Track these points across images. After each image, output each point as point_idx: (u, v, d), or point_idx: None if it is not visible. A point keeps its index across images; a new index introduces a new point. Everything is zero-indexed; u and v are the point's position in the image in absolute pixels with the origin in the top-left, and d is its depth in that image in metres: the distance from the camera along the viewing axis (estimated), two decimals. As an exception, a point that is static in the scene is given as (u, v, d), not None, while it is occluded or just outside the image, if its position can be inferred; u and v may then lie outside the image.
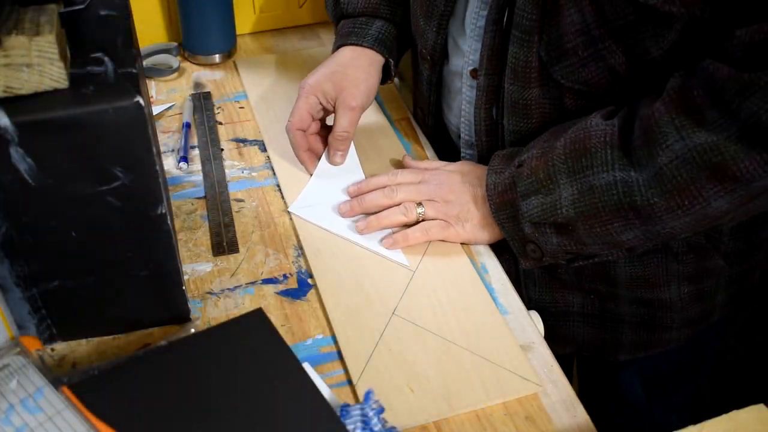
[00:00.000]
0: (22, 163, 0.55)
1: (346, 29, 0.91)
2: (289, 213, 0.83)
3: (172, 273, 0.66)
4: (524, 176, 0.71)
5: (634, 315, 0.84)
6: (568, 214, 0.68)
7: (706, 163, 0.60)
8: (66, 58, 0.57)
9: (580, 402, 0.65)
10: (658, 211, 0.64)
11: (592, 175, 0.66)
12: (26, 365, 0.56)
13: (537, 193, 0.70)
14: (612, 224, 0.67)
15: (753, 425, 0.56)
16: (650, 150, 0.63)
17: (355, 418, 0.60)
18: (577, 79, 0.70)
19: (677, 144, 0.61)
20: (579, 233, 0.69)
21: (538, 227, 0.71)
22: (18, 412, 0.52)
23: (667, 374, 0.96)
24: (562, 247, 0.72)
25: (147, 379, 0.56)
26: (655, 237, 0.67)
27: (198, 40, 1.07)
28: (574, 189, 0.67)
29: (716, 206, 0.61)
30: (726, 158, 0.58)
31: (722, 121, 0.59)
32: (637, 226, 0.66)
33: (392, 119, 0.99)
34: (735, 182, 0.59)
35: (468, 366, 0.67)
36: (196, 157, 0.92)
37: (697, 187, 0.61)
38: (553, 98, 0.73)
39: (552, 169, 0.69)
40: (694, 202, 0.62)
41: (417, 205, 0.78)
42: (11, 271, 0.61)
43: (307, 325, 0.71)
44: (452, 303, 0.73)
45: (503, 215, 0.74)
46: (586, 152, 0.67)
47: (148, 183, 0.59)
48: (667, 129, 0.61)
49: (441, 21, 0.83)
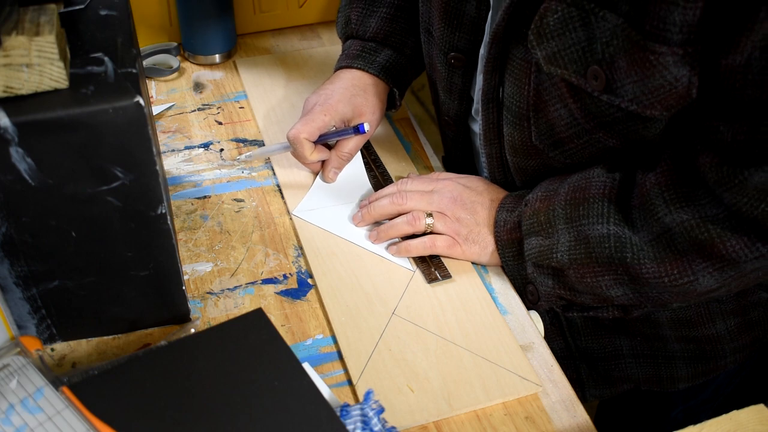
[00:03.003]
0: (22, 163, 0.55)
1: (355, 51, 0.89)
2: (289, 213, 0.83)
3: (172, 273, 0.66)
4: (527, 216, 0.72)
5: (685, 351, 0.83)
6: (562, 260, 0.68)
7: (693, 240, 0.60)
8: (66, 58, 0.57)
9: (580, 402, 0.65)
10: (647, 274, 0.63)
11: (587, 225, 0.66)
12: (26, 365, 0.56)
13: (537, 234, 0.70)
14: (603, 277, 0.66)
15: (753, 425, 0.56)
16: (645, 218, 0.63)
17: (355, 418, 0.60)
18: (577, 159, 0.71)
19: (666, 218, 0.61)
20: (571, 280, 0.69)
21: (537, 268, 0.71)
22: (18, 412, 0.52)
23: (708, 392, 0.95)
24: (557, 291, 0.71)
25: (147, 379, 0.56)
26: (646, 300, 0.67)
27: (198, 40, 1.07)
28: (570, 236, 0.68)
29: (705, 283, 0.61)
30: (713, 236, 0.59)
31: (709, 201, 0.59)
32: (627, 283, 0.66)
33: (392, 119, 0.99)
34: (722, 261, 0.59)
35: (468, 366, 0.67)
36: (197, 156, 0.92)
37: (688, 260, 0.61)
38: (554, 166, 0.74)
39: (552, 213, 0.69)
40: (682, 274, 0.62)
41: (426, 216, 0.76)
42: (11, 271, 0.61)
43: (307, 325, 0.71)
44: (452, 303, 0.73)
45: (509, 253, 0.74)
46: (585, 201, 0.67)
47: (148, 183, 0.59)
48: (657, 201, 0.62)
49: (462, 96, 0.83)
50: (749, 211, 0.56)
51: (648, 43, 0.56)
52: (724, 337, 0.81)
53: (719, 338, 0.81)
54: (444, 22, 0.78)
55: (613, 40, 0.58)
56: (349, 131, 0.83)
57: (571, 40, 0.61)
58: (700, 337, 0.81)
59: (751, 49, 0.53)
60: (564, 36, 0.61)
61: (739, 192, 0.57)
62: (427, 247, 0.76)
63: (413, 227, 0.77)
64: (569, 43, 0.61)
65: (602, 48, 0.59)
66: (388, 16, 0.89)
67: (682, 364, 0.84)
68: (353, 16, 0.91)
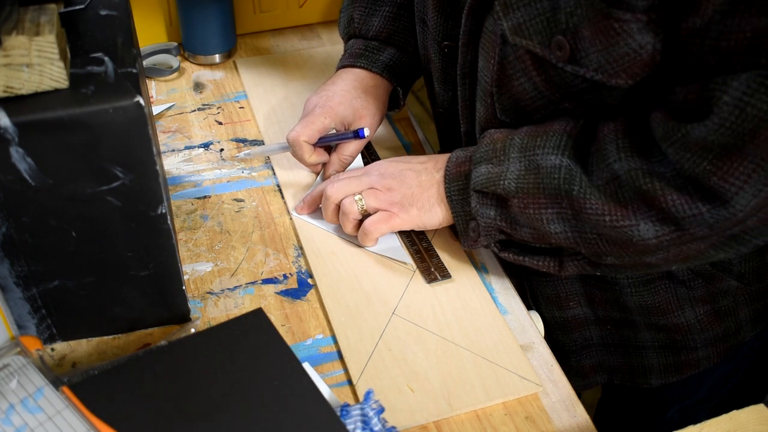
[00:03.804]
0: (22, 163, 0.55)
1: (357, 50, 0.89)
2: (289, 213, 0.83)
3: (172, 273, 0.66)
4: (483, 144, 0.71)
5: (655, 340, 0.83)
6: (508, 187, 0.67)
7: (638, 189, 0.59)
8: (66, 58, 0.57)
9: (580, 402, 0.65)
10: (590, 209, 0.62)
11: (542, 155, 0.66)
12: (26, 365, 0.56)
13: (488, 162, 0.70)
14: (546, 209, 0.65)
15: (753, 425, 0.56)
16: (598, 163, 0.63)
17: (355, 418, 0.60)
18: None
19: (616, 164, 0.61)
20: (513, 211, 0.68)
21: (481, 197, 0.70)
22: (18, 412, 0.52)
23: (697, 389, 0.94)
24: (497, 223, 0.70)
25: (147, 379, 0.56)
26: (582, 244, 0.65)
27: (198, 40, 1.07)
28: (521, 165, 0.67)
29: (644, 232, 0.60)
30: (656, 188, 0.58)
31: (659, 159, 0.59)
32: (568, 219, 0.65)
33: (392, 119, 0.99)
34: (663, 213, 0.59)
35: (468, 366, 0.67)
36: (197, 156, 0.92)
37: (632, 209, 0.60)
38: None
39: (509, 142, 0.69)
40: (624, 217, 0.61)
41: (357, 199, 0.76)
42: (11, 271, 0.61)
43: (307, 325, 0.71)
44: (452, 303, 0.73)
45: (455, 187, 0.73)
46: (545, 134, 0.67)
47: (148, 183, 0.59)
48: (610, 147, 0.62)
49: (455, 85, 0.82)
50: (691, 169, 0.56)
51: (612, 10, 0.56)
52: (694, 326, 0.81)
53: (689, 327, 0.81)
54: (437, 10, 0.78)
55: (577, 9, 0.59)
56: (348, 135, 0.83)
57: (537, 11, 0.62)
58: (670, 325, 0.81)
59: (712, 12, 0.53)
60: (529, 6, 0.62)
61: (682, 147, 0.57)
62: (370, 236, 0.76)
63: (351, 214, 0.76)
64: (534, 14, 0.62)
65: (566, 18, 0.60)
66: (391, 14, 0.89)
67: (652, 354, 0.84)
68: (356, 15, 0.91)
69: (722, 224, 0.57)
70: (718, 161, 0.55)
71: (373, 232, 0.76)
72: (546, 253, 0.70)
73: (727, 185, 0.55)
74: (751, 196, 0.55)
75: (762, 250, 0.79)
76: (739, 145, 0.53)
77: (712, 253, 0.62)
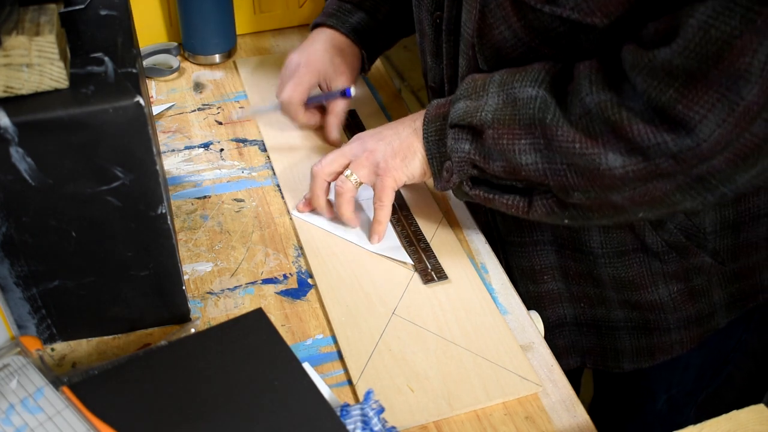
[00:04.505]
0: (22, 163, 0.55)
1: (331, 9, 0.94)
2: (290, 213, 0.83)
3: (172, 273, 0.66)
4: (464, 84, 0.72)
5: (627, 320, 0.84)
6: (485, 118, 0.68)
7: (606, 119, 0.60)
8: (66, 58, 0.57)
9: (579, 402, 0.65)
10: (561, 136, 0.63)
11: (519, 88, 0.66)
12: (26, 365, 0.56)
13: (467, 98, 0.70)
14: (519, 140, 0.66)
15: (753, 425, 0.56)
16: (572, 99, 0.63)
17: (355, 418, 0.60)
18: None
19: (587, 98, 0.62)
20: (487, 143, 0.68)
21: (456, 132, 0.70)
22: (18, 412, 0.52)
23: (683, 377, 0.95)
24: (471, 157, 0.70)
25: (147, 379, 0.56)
26: (552, 175, 0.65)
27: (198, 40, 1.07)
28: (499, 99, 0.68)
29: (611, 161, 0.61)
30: (623, 118, 0.59)
31: (631, 93, 0.60)
32: (540, 149, 0.65)
33: (392, 119, 0.99)
34: (630, 144, 0.60)
35: (468, 366, 0.67)
36: (197, 156, 0.92)
37: (602, 140, 0.61)
38: None
39: (489, 80, 0.70)
40: (592, 146, 0.61)
41: (347, 173, 0.77)
42: (11, 271, 0.61)
43: (307, 325, 0.71)
44: (452, 303, 0.73)
45: (432, 128, 0.73)
46: (524, 70, 0.67)
47: (148, 183, 0.59)
48: (584, 82, 0.62)
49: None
50: (658, 97, 0.57)
51: None
52: (668, 304, 0.81)
53: (662, 305, 0.81)
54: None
55: None
56: (335, 94, 0.89)
57: None
58: (643, 302, 0.81)
59: None
60: None
61: (649, 74, 0.57)
62: (383, 212, 0.77)
63: (347, 193, 0.77)
64: None
65: None
66: None
67: (625, 335, 0.85)
68: None
69: (686, 155, 0.58)
70: (684, 89, 0.56)
71: (383, 197, 0.76)
72: (516, 192, 0.70)
73: (691, 113, 0.56)
74: (714, 125, 0.56)
75: (737, 227, 0.80)
76: (704, 70, 0.54)
77: (678, 198, 0.62)
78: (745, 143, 0.56)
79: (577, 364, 0.90)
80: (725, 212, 0.78)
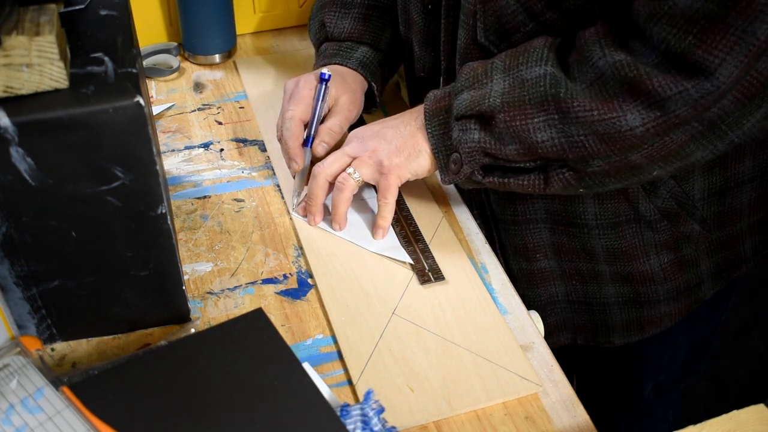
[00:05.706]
0: (22, 163, 0.55)
1: (331, 51, 0.90)
2: (290, 213, 0.83)
3: (172, 273, 0.66)
4: (463, 75, 0.72)
5: (619, 294, 0.85)
6: (494, 104, 0.68)
7: (623, 78, 0.61)
8: (66, 58, 0.57)
9: (579, 402, 0.65)
10: (578, 107, 0.63)
11: (525, 69, 0.67)
12: (26, 365, 0.56)
13: (470, 88, 0.70)
14: (533, 119, 0.66)
15: (753, 425, 0.56)
16: (580, 67, 0.64)
17: (355, 418, 0.60)
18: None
19: (600, 61, 0.62)
20: (499, 127, 0.68)
21: (463, 124, 0.70)
22: (18, 412, 0.52)
23: (670, 363, 0.97)
24: (482, 145, 0.70)
25: (147, 379, 0.56)
26: (569, 147, 0.65)
27: (198, 40, 1.07)
28: (505, 83, 0.68)
29: (631, 121, 0.62)
30: (641, 73, 0.60)
31: (642, 50, 0.61)
32: (555, 124, 0.65)
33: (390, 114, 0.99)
34: (649, 98, 0.60)
35: (468, 366, 0.67)
36: (197, 156, 0.92)
37: (618, 101, 0.62)
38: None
39: (490, 66, 0.70)
40: (611, 109, 0.62)
41: (350, 172, 0.76)
42: (11, 271, 0.61)
43: (307, 325, 0.71)
44: (452, 303, 0.73)
45: (435, 122, 0.73)
46: (525, 52, 0.68)
47: (148, 183, 0.59)
48: (593, 48, 0.63)
49: (437, 46, 0.83)
50: (677, 45, 0.58)
51: None
52: (658, 274, 0.82)
53: (653, 276, 0.83)
54: None
55: None
56: (320, 87, 0.83)
57: None
58: (635, 274, 0.82)
59: None
60: None
61: (668, 22, 0.58)
62: (387, 206, 0.77)
63: (347, 189, 0.77)
64: None
65: None
66: (361, 15, 0.91)
67: (616, 310, 0.86)
68: (327, 20, 0.92)
69: (705, 99, 0.59)
70: (703, 34, 0.57)
71: (387, 194, 0.76)
72: (531, 171, 0.71)
73: (711, 57, 0.57)
74: (733, 67, 0.57)
75: (723, 193, 0.81)
76: (722, 14, 0.56)
77: (692, 148, 0.64)
78: (751, 81, 0.59)
79: (568, 341, 0.91)
80: (713, 178, 0.80)
